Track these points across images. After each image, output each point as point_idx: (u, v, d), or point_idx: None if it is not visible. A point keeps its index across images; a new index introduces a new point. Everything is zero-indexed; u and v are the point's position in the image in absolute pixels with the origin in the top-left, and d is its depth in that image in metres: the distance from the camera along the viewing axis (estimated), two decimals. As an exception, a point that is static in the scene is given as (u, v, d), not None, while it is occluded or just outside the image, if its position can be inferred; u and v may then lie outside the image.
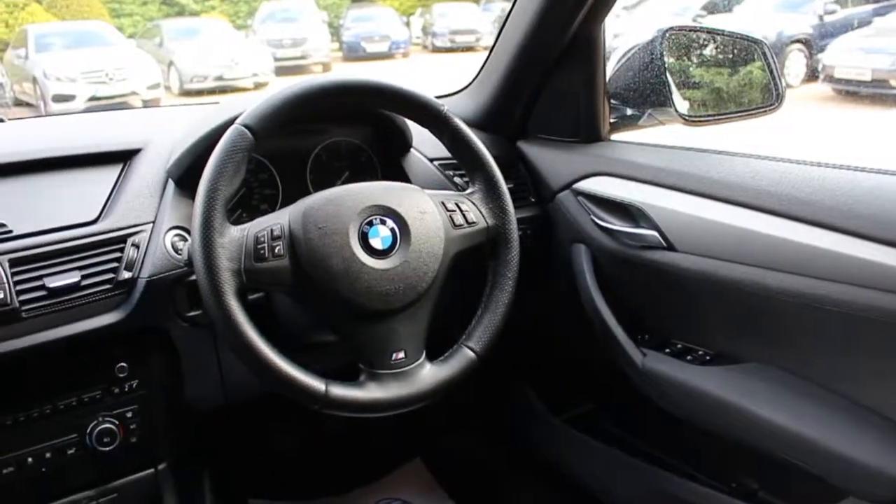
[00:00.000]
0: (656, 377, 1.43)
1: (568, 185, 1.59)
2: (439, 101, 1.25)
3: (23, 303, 1.16)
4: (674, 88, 1.52)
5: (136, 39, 13.33)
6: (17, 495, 1.29)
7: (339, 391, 1.08)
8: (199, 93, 11.31)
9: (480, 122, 1.69)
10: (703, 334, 1.44)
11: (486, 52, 1.71)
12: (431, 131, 1.27)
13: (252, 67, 11.97)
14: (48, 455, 1.27)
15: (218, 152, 1.08)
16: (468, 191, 1.27)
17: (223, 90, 11.28)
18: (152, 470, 1.41)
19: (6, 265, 1.17)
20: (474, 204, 1.24)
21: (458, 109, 1.29)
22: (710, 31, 1.65)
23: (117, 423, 1.31)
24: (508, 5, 1.59)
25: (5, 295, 1.15)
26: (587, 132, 1.62)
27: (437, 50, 16.28)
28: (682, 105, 1.53)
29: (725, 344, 1.39)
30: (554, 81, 1.62)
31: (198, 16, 17.42)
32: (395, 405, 1.12)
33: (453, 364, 1.18)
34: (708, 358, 1.41)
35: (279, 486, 2.08)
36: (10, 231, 1.22)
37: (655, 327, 1.51)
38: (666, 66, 1.51)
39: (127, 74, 10.37)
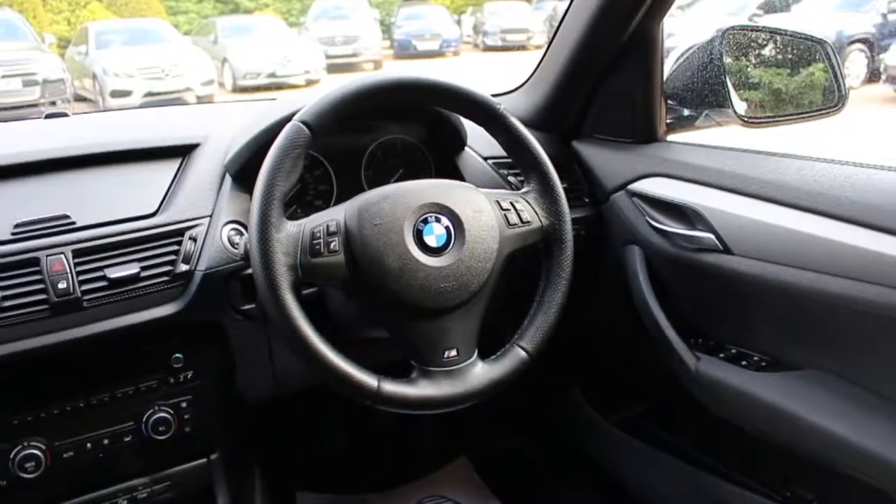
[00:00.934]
0: (710, 382, 1.41)
1: (623, 186, 1.57)
2: (496, 100, 1.24)
3: (84, 292, 1.20)
4: (732, 89, 1.49)
5: (191, 36, 13.59)
6: (76, 479, 1.33)
7: (391, 387, 1.08)
8: (252, 89, 11.47)
9: (535, 122, 1.68)
10: (759, 340, 1.41)
11: (537, 51, 1.70)
12: (487, 130, 1.27)
13: (304, 65, 12.11)
14: (106, 441, 1.31)
15: (276, 148, 1.09)
16: (523, 190, 1.27)
17: (275, 87, 11.42)
18: (205, 460, 1.44)
19: (69, 255, 1.20)
20: (529, 203, 1.24)
21: (513, 108, 1.29)
22: (772, 31, 1.62)
23: (172, 412, 1.33)
24: (560, 4, 1.58)
25: (68, 284, 1.18)
26: (643, 132, 1.60)
27: (487, 49, 16.28)
28: (740, 106, 1.50)
29: (782, 350, 1.36)
30: (610, 81, 1.61)
31: (251, 13, 17.67)
32: (446, 403, 1.12)
33: (505, 363, 1.18)
34: (763, 364, 1.38)
35: (325, 479, 2.10)
36: (74, 222, 1.25)
37: (709, 331, 1.49)
38: (725, 66, 1.48)
39: (182, 71, 10.57)
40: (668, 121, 1.62)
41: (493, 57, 15.19)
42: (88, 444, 1.30)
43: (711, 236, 1.36)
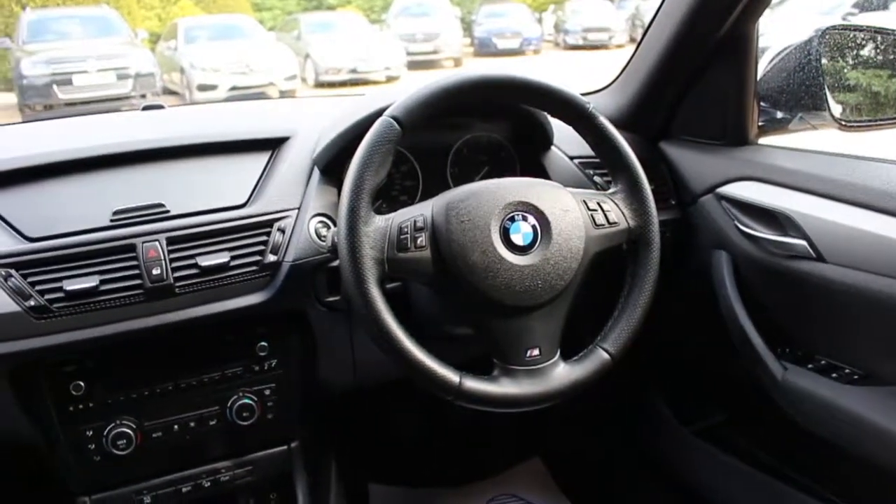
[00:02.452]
0: (797, 393, 1.37)
1: (711, 189, 1.54)
2: (585, 99, 1.23)
3: (177, 279, 1.24)
4: (829, 91, 1.45)
5: (275, 32, 13.87)
6: (163, 459, 1.38)
7: (473, 384, 1.09)
8: (333, 85, 11.64)
9: (623, 121, 1.66)
10: (852, 351, 1.36)
11: (618, 51, 1.68)
12: (576, 129, 1.26)
13: (385, 61, 12.23)
14: (192, 424, 1.35)
15: (366, 143, 1.10)
16: (610, 190, 1.25)
17: (356, 83, 11.57)
18: (285, 447, 1.47)
19: (163, 243, 1.25)
20: (616, 204, 1.22)
21: (600, 107, 1.27)
22: (874, 31, 1.56)
23: (256, 399, 1.37)
24: (644, 3, 1.55)
25: (162, 271, 1.23)
26: (734, 135, 1.56)
27: (568, 47, 16.15)
28: (837, 109, 1.45)
29: (876, 363, 1.31)
30: (701, 81, 1.57)
31: (334, 10, 17.93)
32: (527, 402, 1.12)
33: (587, 365, 1.17)
34: (856, 377, 1.33)
35: (398, 472, 2.12)
36: (168, 211, 1.29)
37: (798, 341, 1.45)
38: (822, 67, 1.44)
39: (266, 66, 10.82)
40: (759, 123, 1.58)
41: (574, 56, 15.04)
42: (176, 426, 1.34)
43: (804, 243, 1.32)
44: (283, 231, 1.31)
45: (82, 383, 1.27)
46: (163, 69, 11.02)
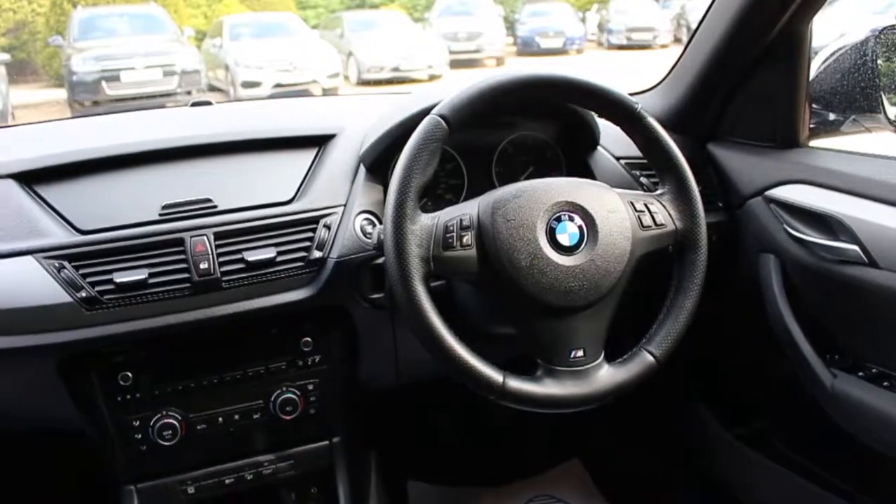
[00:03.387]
0: (847, 401, 1.34)
1: (760, 192, 1.51)
2: (633, 99, 1.22)
3: (224, 273, 1.26)
4: (884, 93, 1.41)
5: (319, 30, 13.95)
6: (207, 450, 1.40)
7: (516, 384, 1.09)
8: (376, 83, 11.68)
9: (670, 122, 1.63)
10: None
11: (662, 51, 1.66)
12: (623, 130, 1.25)
13: (427, 60, 12.25)
14: (236, 417, 1.37)
15: (414, 141, 1.10)
16: (657, 192, 1.24)
17: (399, 81, 11.60)
18: (326, 442, 1.48)
19: (211, 238, 1.26)
20: (664, 206, 1.21)
21: (647, 108, 1.26)
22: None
23: (299, 394, 1.39)
24: (689, 3, 1.53)
25: (209, 265, 1.24)
26: (784, 137, 1.53)
27: (612, 47, 16.02)
28: (893, 111, 1.42)
29: None
30: (751, 82, 1.55)
31: (378, 8, 17.99)
32: (570, 403, 1.12)
33: (631, 367, 1.16)
34: None
35: (436, 470, 2.12)
36: (216, 206, 1.31)
37: (849, 348, 1.42)
38: (878, 68, 1.40)
39: (309, 63, 10.89)
40: (810, 125, 1.55)
41: (618, 56, 14.91)
42: (220, 419, 1.36)
43: (856, 248, 1.29)
44: (328, 228, 1.32)
45: (130, 374, 1.29)
46: (208, 66, 11.15)
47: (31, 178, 1.31)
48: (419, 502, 2.03)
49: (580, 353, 1.12)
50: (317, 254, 1.30)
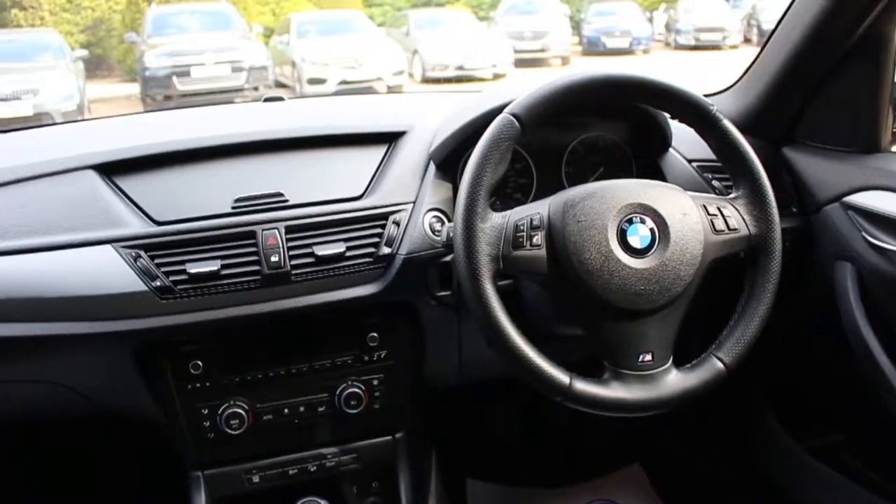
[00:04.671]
0: None
1: (837, 198, 1.46)
2: (709, 101, 1.20)
3: (294, 267, 1.27)
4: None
5: (385, 28, 14.05)
6: (272, 440, 1.42)
7: (583, 386, 1.08)
8: (440, 81, 11.71)
9: (745, 125, 1.59)
10: None
11: (732, 52, 1.62)
12: (697, 131, 1.23)
13: (492, 59, 12.24)
14: (301, 409, 1.39)
15: (486, 139, 1.10)
16: (731, 195, 1.22)
17: (463, 79, 11.61)
18: (390, 437, 1.49)
19: (282, 231, 1.28)
20: (737, 210, 1.19)
21: (721, 109, 1.23)
22: None
23: (364, 388, 1.40)
24: (759, 1, 1.49)
25: (280, 258, 1.26)
26: (865, 142, 1.48)
27: (679, 47, 15.76)
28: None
29: None
30: (831, 85, 1.50)
31: (443, 6, 18.04)
32: (637, 407, 1.10)
33: (700, 373, 1.14)
34: None
35: (495, 469, 2.12)
36: (287, 200, 1.33)
37: None
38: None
39: (374, 61, 10.98)
40: (893, 129, 1.50)
41: (686, 56, 14.66)
42: (286, 410, 1.38)
43: (940, 258, 1.25)
44: (397, 224, 1.33)
45: (200, 363, 1.32)
46: (275, 62, 11.34)
47: (111, 170, 1.34)
48: (477, 501, 2.03)
49: (648, 357, 1.11)
50: (385, 250, 1.31)
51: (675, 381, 1.12)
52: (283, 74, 11.63)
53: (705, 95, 1.68)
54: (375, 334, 1.39)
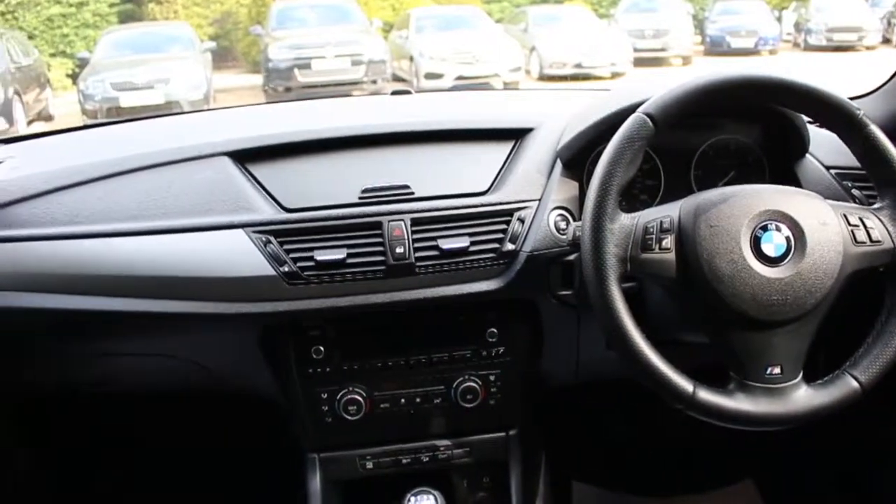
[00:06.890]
0: None
1: None
2: (855, 104, 1.14)
3: (418, 259, 1.29)
4: None
5: (503, 24, 14.03)
6: (387, 429, 1.45)
7: (707, 395, 1.06)
8: (557, 78, 11.61)
9: (891, 130, 1.51)
10: None
11: (868, 53, 1.52)
12: (840, 137, 1.17)
13: (610, 57, 12.03)
14: (418, 400, 1.41)
15: (618, 139, 1.09)
16: (875, 205, 1.16)
17: (580, 77, 11.46)
18: (503, 434, 1.50)
19: (408, 223, 1.30)
20: (881, 221, 1.13)
21: (868, 114, 1.17)
22: None
23: (480, 383, 1.40)
24: None
25: (404, 250, 1.28)
26: None
27: (809, 48, 15.06)
28: None
29: None
30: None
31: (562, 3, 17.86)
32: (762, 421, 1.07)
33: (833, 391, 1.10)
34: None
35: (602, 473, 2.09)
36: (413, 193, 1.35)
37: None
38: None
39: (491, 57, 10.99)
40: None
41: (817, 57, 14.01)
42: (402, 400, 1.41)
43: None
44: (522, 221, 1.33)
45: (322, 348, 1.36)
46: (394, 56, 11.50)
47: (244, 157, 1.39)
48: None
49: (777, 370, 1.07)
50: (509, 246, 1.31)
51: (805, 396, 1.08)
52: (401, 69, 11.79)
53: (851, 98, 1.61)
54: (495, 330, 1.39)
